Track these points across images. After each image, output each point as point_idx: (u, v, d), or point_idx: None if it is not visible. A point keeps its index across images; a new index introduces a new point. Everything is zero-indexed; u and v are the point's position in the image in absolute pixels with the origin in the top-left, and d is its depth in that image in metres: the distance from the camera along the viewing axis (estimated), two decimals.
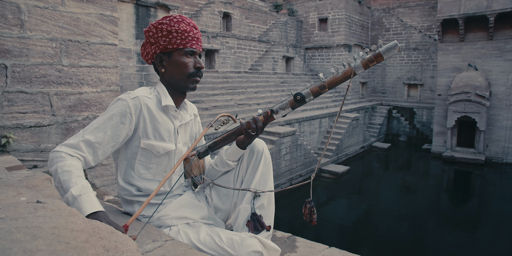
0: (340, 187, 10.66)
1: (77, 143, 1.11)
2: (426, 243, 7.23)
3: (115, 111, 1.18)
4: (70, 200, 0.99)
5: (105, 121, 1.16)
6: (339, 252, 1.39)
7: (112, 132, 1.16)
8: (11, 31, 2.01)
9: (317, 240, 1.56)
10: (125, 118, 1.18)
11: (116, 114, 1.17)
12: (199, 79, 1.30)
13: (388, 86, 18.27)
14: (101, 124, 1.15)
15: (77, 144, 1.11)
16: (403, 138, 16.98)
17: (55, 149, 1.10)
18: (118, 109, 1.18)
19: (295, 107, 1.22)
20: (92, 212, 0.97)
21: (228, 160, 1.34)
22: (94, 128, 1.15)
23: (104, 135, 1.14)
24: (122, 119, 1.17)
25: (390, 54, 1.06)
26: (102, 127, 1.15)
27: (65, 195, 1.00)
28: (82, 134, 1.14)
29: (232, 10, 14.50)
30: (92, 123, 1.17)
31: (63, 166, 1.04)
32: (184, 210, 1.29)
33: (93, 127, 1.15)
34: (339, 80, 1.14)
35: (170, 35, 1.23)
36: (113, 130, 1.16)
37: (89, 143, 1.12)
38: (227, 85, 11.60)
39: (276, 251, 1.23)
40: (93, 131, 1.14)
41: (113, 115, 1.17)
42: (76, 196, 0.99)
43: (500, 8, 11.80)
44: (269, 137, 9.20)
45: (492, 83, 12.62)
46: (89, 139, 1.12)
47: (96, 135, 1.13)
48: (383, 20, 18.53)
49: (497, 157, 12.65)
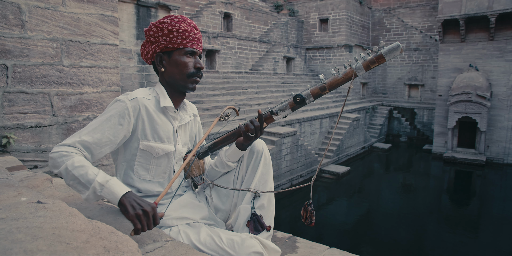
0: (341, 187, 10.66)
1: (73, 143, 1.11)
2: (426, 243, 7.23)
3: (113, 112, 1.17)
4: (98, 188, 1.02)
5: (103, 122, 1.16)
6: (339, 252, 1.39)
7: (109, 133, 1.15)
8: (12, 32, 2.01)
9: (317, 240, 1.56)
10: (123, 119, 1.17)
11: (114, 115, 1.17)
12: (199, 79, 1.29)
13: (389, 86, 18.26)
14: (98, 125, 1.15)
15: (73, 144, 1.11)
16: (404, 138, 16.97)
17: (54, 151, 1.09)
18: (116, 110, 1.17)
19: (295, 109, 1.22)
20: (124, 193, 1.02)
21: (228, 161, 1.34)
22: (91, 129, 1.14)
23: (102, 136, 1.14)
24: (120, 121, 1.17)
25: (392, 55, 1.05)
26: (100, 128, 1.15)
27: (90, 186, 1.03)
28: (79, 134, 1.13)
29: (233, 11, 14.51)
30: (90, 124, 1.17)
31: (72, 163, 1.05)
32: (185, 210, 1.29)
33: (91, 128, 1.14)
34: (340, 82, 1.13)
35: (171, 34, 1.23)
36: (111, 132, 1.15)
37: (85, 144, 1.12)
38: (227, 86, 11.61)
39: (276, 251, 1.23)
40: (90, 132, 1.14)
41: (111, 117, 1.16)
42: (104, 183, 1.03)
43: (501, 9, 11.79)
44: (269, 137, 9.20)
45: (493, 83, 12.61)
46: (86, 140, 1.12)
47: (93, 136, 1.13)
48: (384, 20, 18.53)
49: (498, 157, 12.63)
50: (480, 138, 12.62)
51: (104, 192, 1.02)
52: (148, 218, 0.99)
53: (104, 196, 1.03)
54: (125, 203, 1.00)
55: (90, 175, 1.04)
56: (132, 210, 0.98)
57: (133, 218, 0.98)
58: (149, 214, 0.99)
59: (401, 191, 10.92)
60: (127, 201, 1.00)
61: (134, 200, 1.01)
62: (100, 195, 1.03)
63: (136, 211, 0.98)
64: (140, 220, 0.98)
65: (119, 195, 1.01)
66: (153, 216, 1.00)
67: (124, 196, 1.02)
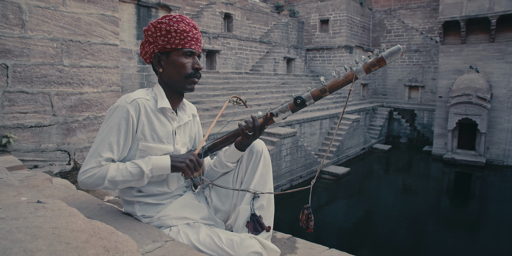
0: (341, 188, 10.65)
1: (99, 163, 1.15)
2: (426, 245, 7.22)
3: (118, 120, 1.18)
4: (150, 174, 1.18)
5: (115, 133, 1.17)
6: (339, 253, 1.39)
7: (123, 141, 1.19)
8: (12, 31, 2.02)
9: (317, 241, 1.56)
10: (130, 124, 1.19)
11: (121, 123, 1.18)
12: (197, 80, 1.29)
13: (389, 87, 18.26)
14: (112, 138, 1.17)
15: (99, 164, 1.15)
16: (404, 140, 16.97)
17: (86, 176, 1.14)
18: (121, 117, 1.18)
19: (295, 110, 1.22)
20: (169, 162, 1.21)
21: (226, 162, 1.34)
22: (108, 145, 1.16)
23: (118, 148, 1.18)
24: (128, 127, 1.19)
25: (393, 58, 1.04)
26: (114, 140, 1.17)
27: (144, 176, 1.17)
28: (97, 153, 1.16)
29: (233, 11, 14.52)
30: (102, 138, 1.17)
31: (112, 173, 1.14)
32: (184, 210, 1.29)
33: (106, 143, 1.16)
34: (341, 84, 1.13)
35: (169, 34, 1.22)
36: (124, 140, 1.19)
37: (109, 159, 1.17)
38: (228, 86, 11.61)
39: (275, 252, 1.23)
40: (109, 148, 1.17)
41: (120, 125, 1.18)
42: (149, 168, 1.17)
43: (502, 10, 11.80)
44: (269, 138, 9.20)
45: (493, 85, 12.61)
46: (109, 157, 1.17)
47: (112, 151, 1.17)
48: (385, 21, 18.55)
49: (498, 159, 12.63)
50: (480, 140, 12.62)
51: (155, 172, 1.19)
52: (195, 164, 1.22)
53: (156, 174, 1.20)
54: (175, 164, 1.20)
55: (133, 170, 1.16)
56: (181, 164, 1.20)
57: (185, 169, 1.20)
58: (194, 160, 1.22)
59: (400, 193, 10.92)
60: (175, 162, 1.20)
61: (177, 158, 1.22)
62: (152, 175, 1.20)
63: (185, 162, 1.20)
64: (189, 167, 1.21)
65: (168, 165, 1.20)
66: (196, 160, 1.23)
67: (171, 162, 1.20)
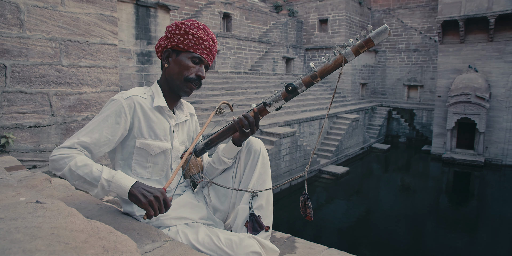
0: (340, 188, 10.66)
1: (72, 145, 1.14)
2: (425, 244, 7.23)
3: (109, 111, 1.19)
4: (106, 184, 1.07)
5: (100, 122, 1.18)
6: (338, 253, 1.39)
7: (107, 133, 1.18)
8: (10, 31, 2.01)
9: (316, 241, 1.56)
10: (120, 118, 1.19)
11: (111, 114, 1.19)
12: (195, 87, 1.30)
13: (388, 87, 18.28)
14: (96, 126, 1.17)
15: (72, 146, 1.14)
16: (403, 139, 16.99)
17: (54, 154, 1.11)
18: (112, 110, 1.19)
19: (288, 99, 1.22)
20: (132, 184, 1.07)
21: (223, 157, 1.34)
22: (89, 130, 1.17)
23: (100, 136, 1.16)
24: (117, 119, 1.19)
25: (381, 38, 1.05)
26: (98, 128, 1.17)
27: (98, 184, 1.07)
28: (77, 136, 1.16)
29: (232, 11, 14.51)
30: (87, 125, 1.19)
31: (75, 163, 1.08)
32: (183, 210, 1.30)
33: (89, 129, 1.17)
34: (331, 69, 1.14)
35: (186, 36, 1.25)
36: (108, 131, 1.18)
37: (84, 145, 1.15)
38: (227, 86, 11.61)
39: (274, 252, 1.23)
40: (89, 133, 1.16)
41: (108, 116, 1.18)
42: (110, 178, 1.07)
43: (501, 10, 11.81)
44: (268, 137, 9.20)
45: (492, 85, 12.63)
46: (85, 141, 1.15)
47: (91, 137, 1.15)
48: (384, 21, 18.54)
49: (497, 159, 12.65)
50: (479, 139, 12.64)
51: (112, 187, 1.07)
52: (160, 203, 1.05)
53: (113, 190, 1.07)
54: (136, 193, 1.05)
55: (95, 172, 1.07)
56: (144, 198, 1.04)
57: (146, 206, 1.03)
58: (160, 199, 1.05)
59: (399, 192, 10.93)
60: (137, 191, 1.05)
61: (143, 188, 1.06)
62: (109, 190, 1.07)
63: (148, 198, 1.04)
64: (153, 206, 1.04)
65: (128, 187, 1.06)
66: (163, 200, 1.06)
67: (133, 187, 1.06)
